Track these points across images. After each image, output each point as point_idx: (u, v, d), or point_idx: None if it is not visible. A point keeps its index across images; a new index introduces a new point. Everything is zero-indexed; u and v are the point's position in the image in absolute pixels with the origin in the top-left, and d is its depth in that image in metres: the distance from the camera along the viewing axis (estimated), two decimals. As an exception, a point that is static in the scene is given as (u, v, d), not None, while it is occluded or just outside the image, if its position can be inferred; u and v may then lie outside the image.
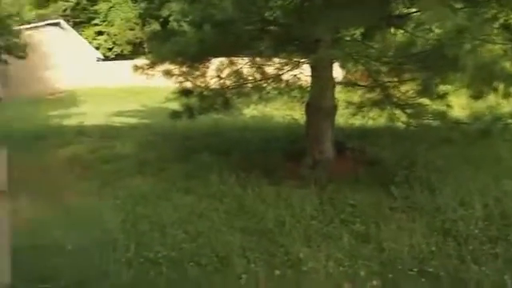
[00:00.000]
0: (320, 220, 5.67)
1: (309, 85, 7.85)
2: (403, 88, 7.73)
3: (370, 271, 4.44)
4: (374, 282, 4.26)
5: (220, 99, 8.00)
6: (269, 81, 7.52)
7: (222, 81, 8.03)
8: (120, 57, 42.18)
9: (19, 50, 30.45)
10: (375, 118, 8.79)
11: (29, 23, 34.61)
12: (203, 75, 8.03)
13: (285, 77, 7.96)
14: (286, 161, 7.89)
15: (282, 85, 7.70)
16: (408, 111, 7.40)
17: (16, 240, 4.38)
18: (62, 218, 6.29)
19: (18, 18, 31.93)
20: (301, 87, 8.00)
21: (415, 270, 4.43)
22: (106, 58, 41.03)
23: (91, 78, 33.56)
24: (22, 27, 31.69)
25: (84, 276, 4.27)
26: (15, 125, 15.34)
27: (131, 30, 44.97)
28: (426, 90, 7.21)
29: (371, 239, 5.12)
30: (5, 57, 30.96)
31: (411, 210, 5.83)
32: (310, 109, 7.81)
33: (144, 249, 4.86)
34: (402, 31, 7.77)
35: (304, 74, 7.89)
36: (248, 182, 6.90)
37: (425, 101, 7.35)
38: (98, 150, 10.64)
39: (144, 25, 44.38)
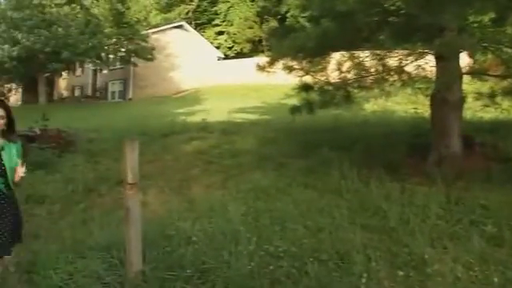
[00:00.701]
0: (447, 220, 5.34)
1: (433, 76, 7.46)
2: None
3: (505, 278, 4.06)
4: (510, 291, 3.90)
5: (341, 93, 7.88)
6: (391, 73, 7.26)
7: (342, 75, 7.91)
8: (240, 55, 43.31)
9: (147, 53, 32.80)
10: (508, 110, 8.13)
11: (155, 27, 36.87)
12: (324, 69, 7.96)
13: (408, 69, 7.64)
14: (409, 156, 7.59)
15: (405, 77, 7.40)
16: (548, 101, 6.74)
17: (146, 230, 4.68)
18: (188, 209, 6.59)
19: (145, 23, 34.33)
20: (425, 78, 7.63)
21: (560, 280, 3.98)
22: (226, 57, 42.36)
23: (213, 77, 34.81)
24: (149, 31, 33.92)
25: (207, 266, 4.39)
26: (144, 122, 16.43)
27: (250, 28, 46.01)
28: None
29: (506, 243, 4.70)
30: (134, 60, 33.46)
31: (553, 212, 5.28)
32: (436, 101, 7.43)
33: (264, 242, 4.87)
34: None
35: (428, 65, 7.50)
36: (370, 178, 6.72)
37: None
38: (221, 145, 11.05)
39: (262, 23, 45.18)
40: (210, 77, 34.96)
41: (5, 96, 37.70)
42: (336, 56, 8.09)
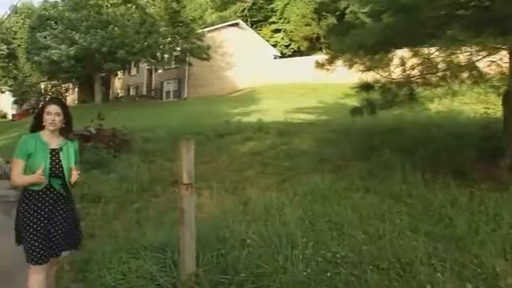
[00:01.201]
0: (521, 230, 4.95)
1: (507, 74, 6.98)
2: None
3: None
4: None
5: (404, 92, 7.52)
6: (461, 69, 6.84)
7: (406, 72, 7.56)
8: (297, 53, 42.97)
9: (202, 52, 33.03)
10: None
11: (210, 26, 37.09)
12: (386, 67, 7.64)
13: (479, 65, 7.18)
14: (479, 160, 7.16)
15: (476, 74, 6.95)
16: None
17: (200, 231, 4.59)
18: (243, 211, 6.51)
19: (200, 22, 34.55)
20: (499, 75, 7.15)
21: None
22: (283, 56, 42.13)
23: (269, 76, 34.71)
24: (204, 30, 34.14)
25: (262, 270, 4.29)
26: (199, 122, 16.58)
27: (307, 25, 45.44)
28: None
29: None
30: (189, 59, 33.79)
31: None
32: (509, 101, 6.95)
33: (322, 247, 4.74)
34: None
35: (502, 61, 7.03)
36: (434, 183, 6.41)
37: None
38: (277, 146, 10.93)
39: (320, 20, 44.60)
40: (267, 76, 34.92)
41: (62, 95, 39.24)
42: (399, 53, 7.74)
